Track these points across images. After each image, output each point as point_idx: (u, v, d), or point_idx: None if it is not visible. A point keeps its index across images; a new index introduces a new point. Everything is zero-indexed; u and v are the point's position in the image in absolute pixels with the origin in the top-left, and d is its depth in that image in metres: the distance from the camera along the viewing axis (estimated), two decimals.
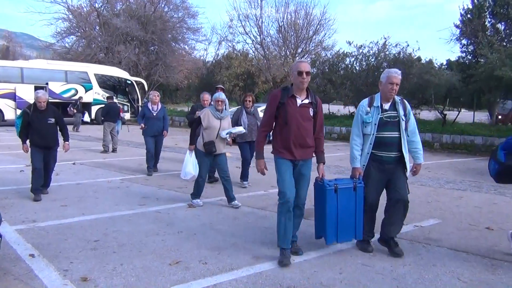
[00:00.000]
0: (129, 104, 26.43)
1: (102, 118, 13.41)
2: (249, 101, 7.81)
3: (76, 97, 22.29)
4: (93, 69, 25.34)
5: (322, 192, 4.20)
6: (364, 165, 4.29)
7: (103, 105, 17.84)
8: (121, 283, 3.48)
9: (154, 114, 8.82)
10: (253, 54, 30.09)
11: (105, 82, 25.63)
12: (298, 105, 4.00)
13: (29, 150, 6.44)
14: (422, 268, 3.97)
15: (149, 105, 8.92)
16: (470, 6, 20.38)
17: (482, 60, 17.32)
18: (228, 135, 6.20)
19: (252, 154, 7.41)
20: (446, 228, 5.28)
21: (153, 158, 8.88)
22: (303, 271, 3.82)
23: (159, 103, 9.03)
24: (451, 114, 19.21)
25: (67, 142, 6.83)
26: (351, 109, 22.12)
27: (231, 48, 32.16)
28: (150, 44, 33.92)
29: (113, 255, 4.10)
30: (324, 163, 4.25)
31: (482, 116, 21.97)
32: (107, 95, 17.03)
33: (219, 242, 4.60)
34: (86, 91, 24.03)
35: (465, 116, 20.72)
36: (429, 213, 5.99)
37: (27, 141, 6.54)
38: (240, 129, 6.49)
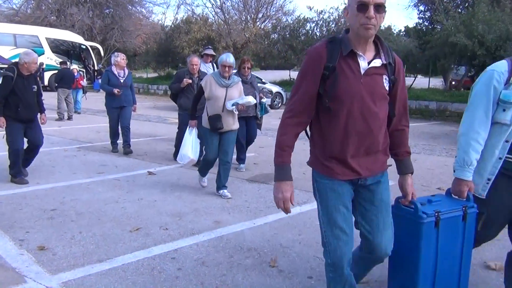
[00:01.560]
0: (84, 70, 25.44)
1: (56, 85, 12.87)
2: (247, 67, 6.29)
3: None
4: (44, 33, 24.05)
5: (413, 225, 2.42)
6: (489, 180, 2.45)
7: (56, 71, 17.09)
8: (80, 251, 3.44)
9: (122, 81, 7.35)
10: (213, 18, 29.47)
11: (58, 47, 24.44)
12: (362, 70, 2.06)
13: (6, 125, 5.34)
14: None
15: (114, 69, 7.39)
16: None
17: (438, 27, 17.71)
18: (234, 107, 4.97)
19: (252, 134, 6.51)
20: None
21: (118, 134, 7.61)
22: (263, 234, 3.90)
23: (126, 68, 7.58)
24: (407, 80, 19.64)
25: (44, 114, 5.77)
26: None
27: (190, 12, 31.37)
28: (104, 6, 32.43)
29: (71, 224, 4.04)
30: (412, 173, 2.48)
31: (437, 82, 22.65)
32: (60, 60, 16.30)
33: (180, 208, 4.61)
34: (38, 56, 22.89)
35: (421, 82, 21.30)
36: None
37: None
38: (249, 99, 5.13)
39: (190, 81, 6.48)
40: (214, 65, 7.84)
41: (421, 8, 21.19)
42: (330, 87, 2.03)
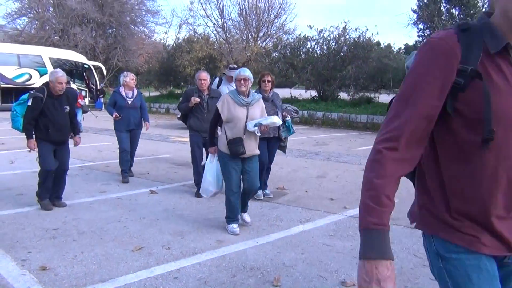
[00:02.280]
0: (87, 90, 25.62)
1: None
2: (268, 81, 5.60)
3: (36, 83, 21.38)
4: (47, 53, 24.29)
5: None
6: None
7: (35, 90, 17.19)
8: (82, 271, 3.43)
9: (129, 102, 6.81)
10: (215, 37, 29.76)
11: (61, 67, 24.48)
12: None
13: (37, 148, 5.09)
14: None
15: (122, 90, 6.87)
16: None
17: None
18: (256, 128, 4.37)
19: (272, 155, 5.91)
20: (403, 207, 5.43)
21: (128, 161, 6.98)
22: (266, 253, 3.88)
23: (135, 89, 7.05)
24: None
25: (78, 136, 5.50)
26: (313, 93, 22.37)
27: (192, 31, 31.68)
28: (107, 26, 32.86)
29: (73, 243, 4.02)
30: None
31: None
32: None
33: (182, 227, 4.59)
34: (40, 76, 23.06)
35: None
36: None
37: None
38: (274, 120, 4.46)
39: (198, 100, 5.79)
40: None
41: (420, 26, 21.40)
42: (471, 106, 1.25)
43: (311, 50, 22.43)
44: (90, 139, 12.30)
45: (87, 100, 24.05)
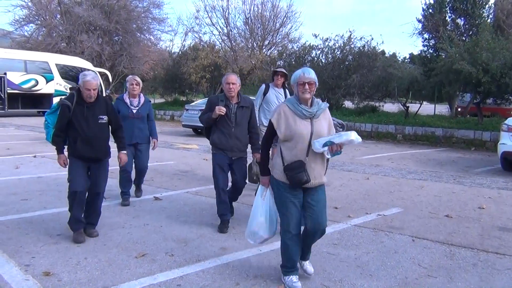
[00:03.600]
0: None
1: None
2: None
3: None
4: (54, 59, 24.49)
5: None
6: None
7: (65, 97, 17.29)
8: (85, 277, 3.43)
9: (134, 112, 5.78)
10: (220, 45, 29.93)
11: (67, 73, 24.82)
12: None
13: (68, 163, 4.35)
14: (385, 255, 4.10)
15: (126, 97, 5.85)
16: (432, 1, 20.92)
17: (442, 54, 17.84)
18: (326, 149, 3.23)
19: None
20: (408, 217, 5.45)
21: (130, 181, 5.91)
22: (270, 261, 3.86)
23: (141, 95, 5.96)
24: (413, 107, 19.72)
25: (123, 152, 4.66)
26: None
27: (197, 39, 31.88)
28: (114, 34, 33.11)
29: (76, 249, 4.02)
30: None
31: (442, 109, 22.70)
32: (69, 86, 16.53)
33: (186, 234, 4.58)
34: (47, 82, 23.24)
35: (427, 108, 21.34)
36: (392, 202, 6.16)
37: (65, 149, 4.41)
38: (351, 136, 3.22)
39: (224, 110, 4.63)
40: (287, 91, 6.44)
41: (426, 36, 21.43)
42: None
43: (316, 58, 22.48)
44: None
45: None
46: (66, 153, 4.39)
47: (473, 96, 17.65)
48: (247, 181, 5.47)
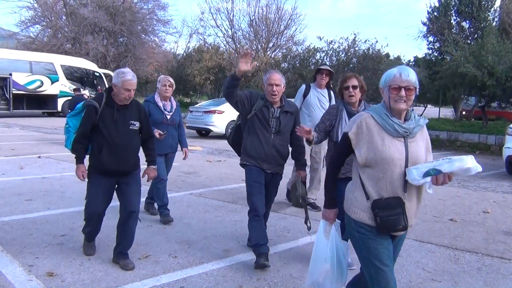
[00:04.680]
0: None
1: (69, 111, 13.07)
2: (354, 86, 3.70)
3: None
4: (59, 60, 24.61)
5: None
6: None
7: (69, 97, 17.37)
8: (89, 278, 3.43)
9: (168, 117, 5.08)
10: (224, 47, 30.03)
11: (72, 74, 24.94)
12: None
13: (86, 177, 3.74)
14: None
15: (158, 99, 5.08)
16: (437, 4, 20.92)
17: (447, 57, 17.83)
18: (429, 180, 2.34)
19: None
20: (412, 220, 5.41)
21: (165, 189, 5.22)
22: (273, 264, 3.85)
23: (172, 99, 5.25)
24: (418, 110, 19.72)
25: (153, 167, 3.96)
26: None
27: (202, 41, 31.99)
28: (119, 35, 33.26)
29: (80, 250, 4.03)
30: None
31: (447, 112, 22.64)
32: (74, 87, 16.61)
33: (190, 235, 4.58)
34: (52, 83, 23.35)
35: (431, 111, 21.33)
36: None
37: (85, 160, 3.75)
38: (466, 163, 2.26)
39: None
40: (332, 93, 5.67)
41: (430, 39, 21.43)
42: None
43: (320, 61, 22.49)
44: None
45: None
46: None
47: (478, 100, 17.60)
48: (283, 198, 5.81)
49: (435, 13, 20.86)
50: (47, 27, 32.35)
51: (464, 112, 21.47)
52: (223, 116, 14.87)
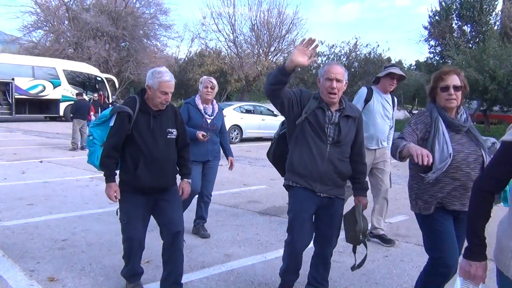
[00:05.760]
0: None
1: (71, 115, 13.12)
2: (456, 87, 2.69)
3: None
4: (61, 65, 24.73)
5: None
6: None
7: (72, 102, 17.42)
8: (90, 283, 3.42)
9: (209, 122, 4.67)
10: (226, 52, 30.12)
11: (74, 79, 25.06)
12: None
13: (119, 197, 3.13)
14: (390, 263, 4.06)
15: (198, 101, 4.68)
16: (438, 8, 20.96)
17: (449, 61, 17.83)
18: None
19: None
20: (414, 224, 5.37)
21: (201, 206, 4.88)
22: (275, 268, 3.83)
23: (214, 102, 4.83)
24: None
25: (188, 181, 3.40)
26: None
27: (203, 45, 32.09)
28: (121, 40, 33.43)
29: (81, 255, 4.02)
30: None
31: None
32: (76, 91, 16.68)
33: (191, 240, 4.57)
34: (54, 88, 23.44)
35: None
36: (398, 210, 6.12)
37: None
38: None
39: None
40: (395, 98, 4.93)
41: (432, 43, 21.48)
42: None
43: (322, 65, 22.53)
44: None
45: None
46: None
47: (480, 103, 17.59)
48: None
49: (437, 17, 20.89)
50: (50, 32, 32.53)
51: None
52: (225, 120, 14.87)
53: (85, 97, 15.12)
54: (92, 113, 13.99)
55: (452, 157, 2.46)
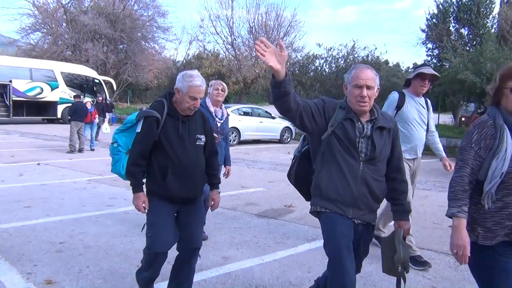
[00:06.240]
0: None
1: (69, 117, 13.10)
2: None
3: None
4: (59, 67, 24.69)
5: None
6: None
7: (69, 104, 17.39)
8: (87, 285, 3.41)
9: (219, 125, 4.55)
10: (224, 54, 30.15)
11: (72, 81, 25.02)
12: None
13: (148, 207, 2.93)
14: None
15: (209, 103, 4.56)
16: (436, 11, 21.02)
17: (446, 64, 17.90)
18: None
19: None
20: (412, 227, 5.38)
21: (208, 207, 3.99)
22: (272, 271, 3.84)
23: (223, 106, 4.77)
24: None
25: (218, 191, 3.23)
26: None
27: (201, 48, 32.11)
28: (119, 42, 33.44)
29: (79, 257, 4.01)
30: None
31: (446, 118, 22.67)
32: (74, 94, 16.66)
33: None
34: (52, 90, 23.41)
35: None
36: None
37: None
38: None
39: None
40: (429, 102, 4.39)
41: (429, 45, 21.53)
42: None
43: (319, 68, 22.61)
44: (98, 152, 12.37)
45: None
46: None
47: (477, 106, 17.65)
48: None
49: (434, 20, 20.95)
50: (48, 34, 32.53)
51: (463, 119, 21.48)
52: None
53: (89, 99, 15.12)
54: (96, 115, 13.94)
55: (503, 176, 2.03)
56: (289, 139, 17.35)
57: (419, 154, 4.23)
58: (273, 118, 17.11)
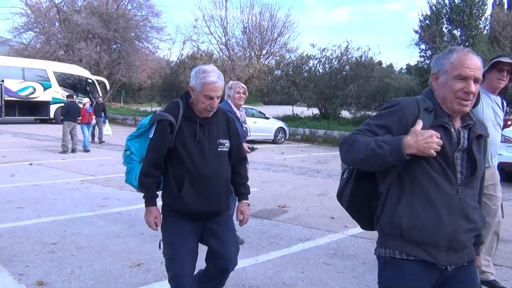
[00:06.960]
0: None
1: (62, 117, 13.01)
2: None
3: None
4: (52, 67, 24.52)
5: None
6: None
7: (62, 104, 17.28)
8: (80, 286, 3.39)
9: (244, 129, 4.47)
10: (218, 54, 30.14)
11: (65, 81, 24.85)
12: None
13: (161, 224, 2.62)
14: None
15: (233, 106, 4.35)
16: (429, 13, 21.13)
17: None
18: None
19: None
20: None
21: None
22: (265, 271, 3.84)
23: (242, 109, 4.59)
24: None
25: (246, 202, 2.81)
26: (315, 111, 22.48)
27: (195, 48, 32.06)
28: (112, 42, 33.32)
29: (71, 258, 3.99)
30: None
31: None
32: (67, 93, 16.55)
33: None
34: (44, 90, 23.24)
35: None
36: None
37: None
38: None
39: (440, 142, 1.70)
40: (504, 100, 3.66)
41: (422, 47, 21.62)
42: None
43: (313, 68, 22.63)
44: (91, 153, 12.31)
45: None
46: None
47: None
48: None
49: (427, 21, 21.06)
50: (40, 34, 32.33)
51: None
52: None
53: (87, 100, 15.00)
54: (93, 116, 13.85)
55: None
56: (282, 140, 17.37)
57: (493, 162, 3.51)
58: (267, 118, 17.12)
